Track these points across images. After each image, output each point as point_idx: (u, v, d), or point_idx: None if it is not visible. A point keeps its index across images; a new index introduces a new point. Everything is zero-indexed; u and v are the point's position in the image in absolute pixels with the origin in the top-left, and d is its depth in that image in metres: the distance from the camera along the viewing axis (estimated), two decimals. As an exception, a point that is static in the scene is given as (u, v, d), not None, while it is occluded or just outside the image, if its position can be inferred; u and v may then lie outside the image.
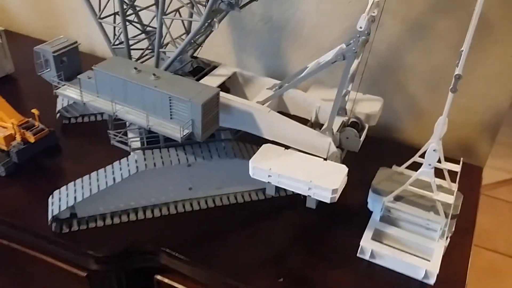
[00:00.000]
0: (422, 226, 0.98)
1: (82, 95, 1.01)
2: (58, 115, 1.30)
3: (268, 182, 0.94)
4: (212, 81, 1.06)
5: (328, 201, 0.90)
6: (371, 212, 1.04)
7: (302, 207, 1.07)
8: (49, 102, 1.29)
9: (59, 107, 1.30)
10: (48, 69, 1.05)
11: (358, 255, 0.99)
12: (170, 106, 0.94)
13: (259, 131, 1.02)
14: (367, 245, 0.98)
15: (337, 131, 0.99)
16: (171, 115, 0.95)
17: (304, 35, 1.36)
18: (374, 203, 1.02)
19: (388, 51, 1.27)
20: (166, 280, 1.02)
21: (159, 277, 1.03)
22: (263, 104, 1.01)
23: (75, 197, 0.99)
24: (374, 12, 0.91)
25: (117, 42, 1.09)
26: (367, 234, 1.00)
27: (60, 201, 1.00)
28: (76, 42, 1.08)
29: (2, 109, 1.13)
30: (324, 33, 1.33)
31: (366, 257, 0.99)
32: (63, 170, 1.18)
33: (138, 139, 1.08)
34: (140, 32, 1.12)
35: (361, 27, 0.88)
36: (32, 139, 1.11)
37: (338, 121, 1.02)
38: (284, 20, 1.36)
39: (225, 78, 1.10)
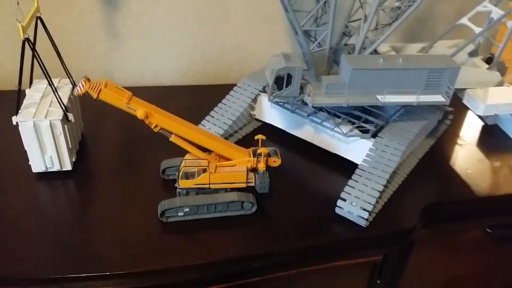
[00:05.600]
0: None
1: (347, 97, 1.07)
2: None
3: (495, 114, 1.20)
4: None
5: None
6: None
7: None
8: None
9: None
10: (291, 87, 1.04)
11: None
12: (428, 78, 1.09)
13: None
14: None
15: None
16: (425, 87, 1.11)
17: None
18: None
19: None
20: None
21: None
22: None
23: (369, 194, 1.05)
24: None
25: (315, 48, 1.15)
26: None
27: (359, 202, 1.05)
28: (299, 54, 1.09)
29: (228, 145, 1.05)
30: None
31: None
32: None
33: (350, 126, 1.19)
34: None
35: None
36: (278, 162, 1.07)
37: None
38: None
39: (392, 52, 1.28)
